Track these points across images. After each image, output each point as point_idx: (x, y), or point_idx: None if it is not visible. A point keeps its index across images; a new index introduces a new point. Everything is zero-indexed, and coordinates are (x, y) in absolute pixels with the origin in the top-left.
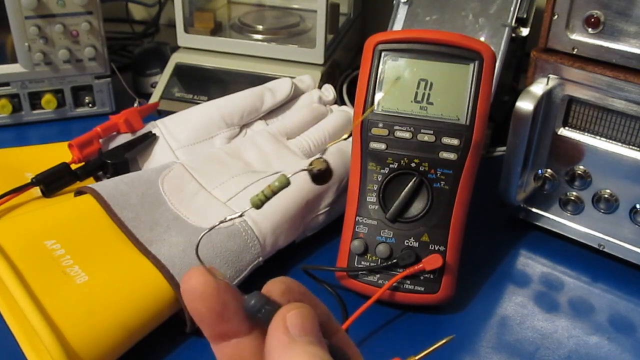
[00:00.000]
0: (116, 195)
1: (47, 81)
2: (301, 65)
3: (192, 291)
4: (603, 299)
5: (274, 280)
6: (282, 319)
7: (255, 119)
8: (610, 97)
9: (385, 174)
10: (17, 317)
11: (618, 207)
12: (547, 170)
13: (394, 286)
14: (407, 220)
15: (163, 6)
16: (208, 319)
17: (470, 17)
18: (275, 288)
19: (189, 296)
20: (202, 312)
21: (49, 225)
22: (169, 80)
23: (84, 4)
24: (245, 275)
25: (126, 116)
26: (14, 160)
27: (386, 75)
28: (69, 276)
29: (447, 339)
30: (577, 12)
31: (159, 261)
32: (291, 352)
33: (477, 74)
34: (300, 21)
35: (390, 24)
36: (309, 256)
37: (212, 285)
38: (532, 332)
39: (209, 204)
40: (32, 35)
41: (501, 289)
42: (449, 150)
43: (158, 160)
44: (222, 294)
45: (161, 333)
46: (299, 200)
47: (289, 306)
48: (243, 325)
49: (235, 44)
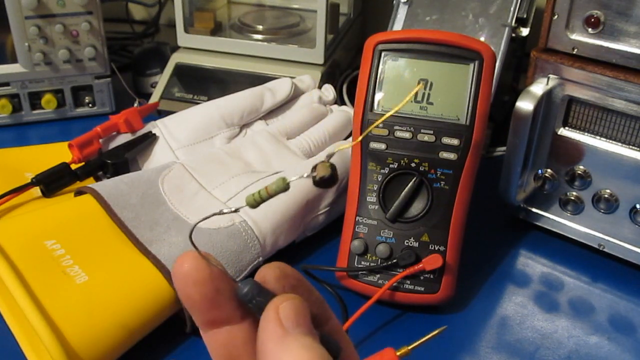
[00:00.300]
0: (116, 195)
1: (47, 81)
2: (301, 65)
3: (184, 275)
4: (603, 299)
5: (269, 265)
6: (275, 311)
7: (255, 119)
8: (610, 97)
9: (385, 174)
10: (17, 317)
11: (618, 207)
12: (547, 170)
13: (394, 286)
14: (407, 220)
15: (163, 6)
16: (200, 304)
17: (470, 17)
18: (270, 273)
19: (180, 280)
20: (194, 298)
21: (49, 225)
22: (169, 80)
23: (84, 4)
24: (245, 275)
25: (126, 116)
26: (14, 160)
27: (386, 75)
28: (69, 276)
29: (440, 330)
30: (577, 12)
31: (159, 261)
32: (286, 345)
33: (477, 74)
34: (300, 21)
35: (390, 24)
36: (309, 256)
37: (205, 271)
38: (532, 332)
39: (209, 204)
40: (32, 35)
41: (501, 289)
42: (449, 150)
43: (158, 160)
44: (215, 280)
45: (161, 333)
46: (299, 200)
47: (282, 297)
48: (235, 313)
49: (235, 44)
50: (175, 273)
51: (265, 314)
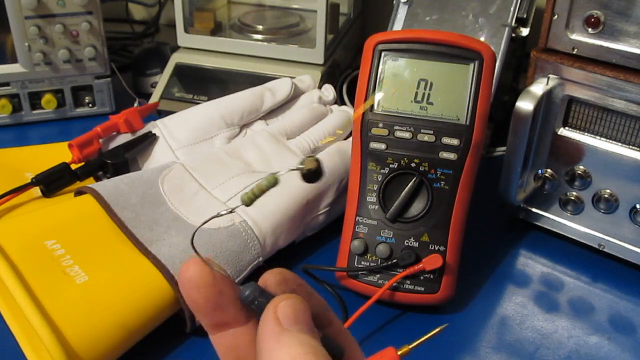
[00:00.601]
0: (116, 195)
1: (47, 81)
2: (301, 65)
3: (188, 281)
4: (603, 299)
5: (271, 271)
6: (274, 309)
7: (255, 119)
8: (610, 97)
9: (385, 174)
10: (17, 317)
11: (618, 207)
12: (547, 170)
13: (394, 286)
14: (407, 220)
15: (163, 6)
16: (204, 308)
17: (470, 17)
18: (271, 279)
19: (185, 286)
20: (199, 302)
21: (49, 225)
22: (169, 80)
23: (84, 4)
24: (245, 275)
25: (126, 116)
26: (14, 160)
27: (386, 75)
28: (69, 276)
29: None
30: (577, 12)
31: (159, 261)
32: (281, 341)
33: (477, 74)
34: (300, 21)
35: (390, 24)
36: (309, 256)
37: (208, 276)
38: (532, 332)
39: (209, 204)
40: (32, 35)
41: (501, 289)
42: (449, 150)
43: (158, 160)
44: (218, 284)
45: (161, 333)
46: (299, 200)
47: (281, 297)
48: (239, 315)
49: (235, 44)
50: (180, 279)
51: (264, 313)
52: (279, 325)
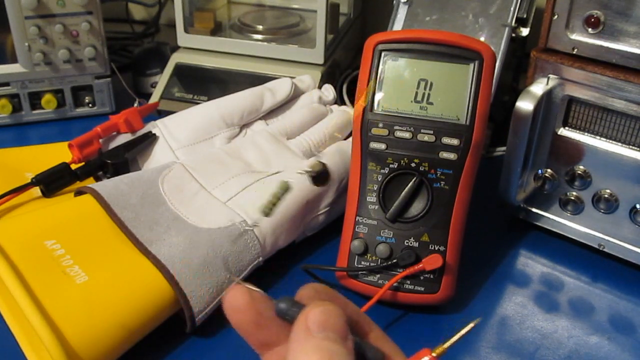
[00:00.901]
0: (116, 195)
1: (47, 81)
2: (301, 65)
3: (230, 305)
4: (603, 299)
5: (305, 286)
6: (304, 316)
7: (255, 119)
8: (610, 97)
9: (385, 174)
10: (17, 317)
11: (618, 207)
12: (547, 170)
13: (394, 286)
14: (407, 220)
15: (163, 6)
16: (247, 328)
17: (470, 17)
18: (305, 293)
19: (228, 310)
20: (242, 324)
21: (49, 225)
22: (169, 80)
23: (84, 4)
24: (246, 275)
25: (126, 116)
26: (14, 160)
27: (386, 75)
28: (69, 276)
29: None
30: (577, 12)
31: (159, 261)
32: (304, 347)
33: (477, 74)
34: (300, 21)
35: (390, 24)
36: (309, 256)
37: (245, 297)
38: (532, 332)
39: (209, 204)
40: (32, 35)
41: (501, 289)
42: (449, 150)
43: (158, 160)
44: (256, 304)
45: (161, 333)
46: (299, 201)
47: (313, 304)
48: (282, 333)
49: (235, 44)
50: (224, 306)
51: (296, 320)
52: (307, 329)
